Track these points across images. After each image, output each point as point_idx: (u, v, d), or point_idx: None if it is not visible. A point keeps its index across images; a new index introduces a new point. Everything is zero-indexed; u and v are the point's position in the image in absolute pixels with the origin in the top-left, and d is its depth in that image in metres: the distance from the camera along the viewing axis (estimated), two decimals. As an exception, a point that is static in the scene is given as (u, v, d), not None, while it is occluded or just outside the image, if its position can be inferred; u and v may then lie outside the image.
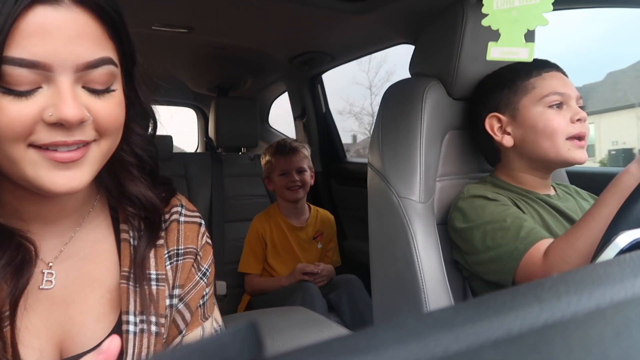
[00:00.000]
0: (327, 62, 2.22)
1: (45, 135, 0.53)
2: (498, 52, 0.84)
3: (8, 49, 0.50)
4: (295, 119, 2.69)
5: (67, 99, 0.52)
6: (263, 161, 2.25)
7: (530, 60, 0.83)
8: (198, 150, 3.39)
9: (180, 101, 3.26)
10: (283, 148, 2.17)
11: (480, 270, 1.08)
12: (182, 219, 0.75)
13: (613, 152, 15.39)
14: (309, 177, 2.17)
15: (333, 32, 1.85)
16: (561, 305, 0.18)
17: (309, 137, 2.61)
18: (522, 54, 0.82)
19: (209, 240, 0.78)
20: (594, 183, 1.21)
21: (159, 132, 0.73)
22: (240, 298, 2.19)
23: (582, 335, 0.16)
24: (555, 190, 1.19)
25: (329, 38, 1.94)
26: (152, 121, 0.70)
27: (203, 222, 0.78)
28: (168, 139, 2.40)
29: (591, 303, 0.18)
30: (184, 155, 2.77)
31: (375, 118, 1.30)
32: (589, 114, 1.10)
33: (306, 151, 2.21)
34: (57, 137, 0.53)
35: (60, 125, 0.53)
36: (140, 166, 0.69)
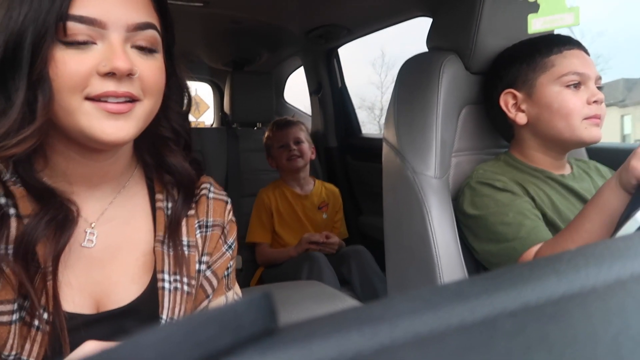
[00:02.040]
0: (343, 35, 2.20)
1: (98, 87, 0.60)
2: (540, 23, 0.81)
3: (72, 8, 0.58)
4: (311, 93, 2.67)
5: (118, 52, 0.60)
6: (264, 139, 2.32)
7: (578, 24, 0.80)
8: (214, 126, 3.40)
9: (196, 76, 3.25)
10: (279, 122, 2.27)
11: (481, 258, 1.09)
12: (211, 195, 0.81)
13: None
14: (307, 148, 2.23)
15: (349, 4, 1.82)
16: (580, 277, 0.17)
17: (325, 112, 2.60)
18: (567, 19, 0.78)
19: (234, 219, 0.84)
20: (615, 158, 1.19)
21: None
22: (253, 272, 2.22)
23: (603, 306, 0.15)
24: (572, 169, 1.17)
25: (346, 11, 1.92)
26: (187, 98, 0.77)
27: (229, 200, 0.84)
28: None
29: (611, 275, 0.17)
30: (199, 130, 2.77)
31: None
32: (626, 105, 1.09)
33: (302, 125, 2.28)
34: (109, 87, 0.60)
35: (112, 76, 0.60)
36: (176, 141, 0.75)
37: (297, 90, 3.01)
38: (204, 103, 3.59)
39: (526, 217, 1.00)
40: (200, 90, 3.42)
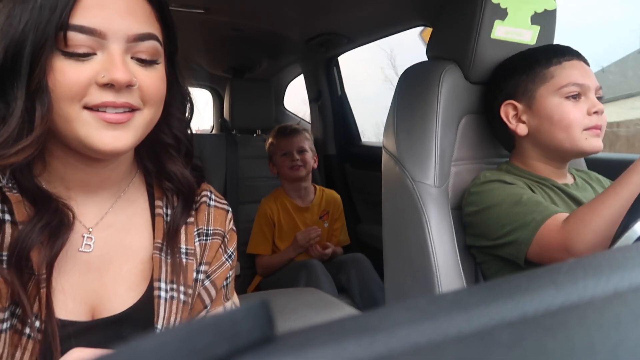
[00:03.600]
0: (343, 44, 2.21)
1: (97, 96, 0.59)
2: (503, 31, 0.82)
3: (72, 18, 0.58)
4: (310, 101, 2.68)
5: (117, 64, 0.59)
6: (266, 145, 2.29)
7: (533, 43, 0.81)
8: (213, 132, 3.40)
9: (195, 82, 3.26)
10: (284, 130, 2.23)
11: (496, 251, 1.07)
12: (211, 202, 0.81)
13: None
14: (310, 157, 2.20)
15: (350, 13, 1.83)
16: (578, 289, 0.17)
17: (324, 119, 2.60)
18: (525, 35, 0.80)
19: (234, 228, 0.84)
20: (612, 170, 1.20)
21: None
22: (251, 280, 2.22)
23: (600, 318, 0.15)
24: (574, 179, 1.17)
25: (346, 19, 1.92)
26: (189, 106, 0.77)
27: (230, 209, 0.84)
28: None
29: (609, 287, 0.17)
30: (199, 136, 2.78)
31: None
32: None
33: (307, 134, 2.25)
34: (107, 97, 0.60)
35: (110, 86, 0.60)
36: (177, 148, 0.75)
37: (295, 99, 3.01)
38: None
39: (541, 199, 1.00)
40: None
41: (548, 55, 1.09)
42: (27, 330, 0.60)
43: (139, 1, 0.63)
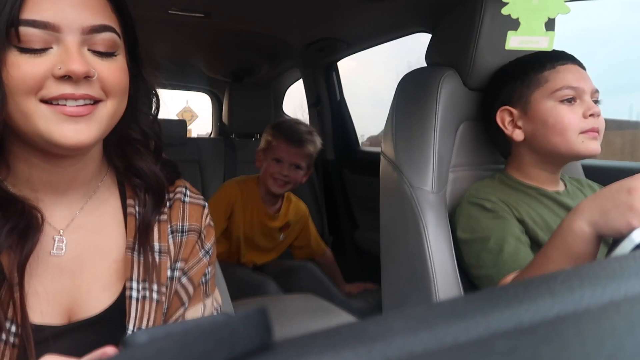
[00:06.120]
0: (343, 49, 2.21)
1: (54, 89, 0.58)
2: (517, 41, 0.82)
3: (23, 13, 0.57)
4: (309, 106, 2.68)
5: (73, 55, 0.58)
6: (265, 136, 1.99)
7: (550, 49, 0.81)
8: (212, 136, 3.40)
9: (195, 86, 3.27)
10: (292, 134, 1.90)
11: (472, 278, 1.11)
12: (186, 199, 0.79)
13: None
14: (301, 176, 1.93)
15: (350, 19, 1.84)
16: (574, 298, 0.17)
17: (323, 125, 2.60)
18: (542, 43, 0.80)
19: (212, 223, 0.82)
20: (609, 177, 1.20)
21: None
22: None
23: (596, 328, 0.15)
24: (566, 186, 1.17)
25: (346, 25, 1.93)
26: (155, 100, 0.75)
27: (207, 204, 0.82)
28: (182, 124, 2.41)
29: (605, 296, 0.17)
30: (197, 140, 2.78)
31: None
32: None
33: (313, 147, 1.94)
34: (66, 89, 0.59)
35: (68, 79, 0.58)
36: (146, 143, 0.73)
37: (294, 103, 3.01)
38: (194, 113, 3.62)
39: (506, 243, 1.00)
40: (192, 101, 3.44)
41: (542, 60, 1.09)
42: (3, 336, 0.59)
43: None
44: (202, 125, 3.63)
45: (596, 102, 1.08)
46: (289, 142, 1.89)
